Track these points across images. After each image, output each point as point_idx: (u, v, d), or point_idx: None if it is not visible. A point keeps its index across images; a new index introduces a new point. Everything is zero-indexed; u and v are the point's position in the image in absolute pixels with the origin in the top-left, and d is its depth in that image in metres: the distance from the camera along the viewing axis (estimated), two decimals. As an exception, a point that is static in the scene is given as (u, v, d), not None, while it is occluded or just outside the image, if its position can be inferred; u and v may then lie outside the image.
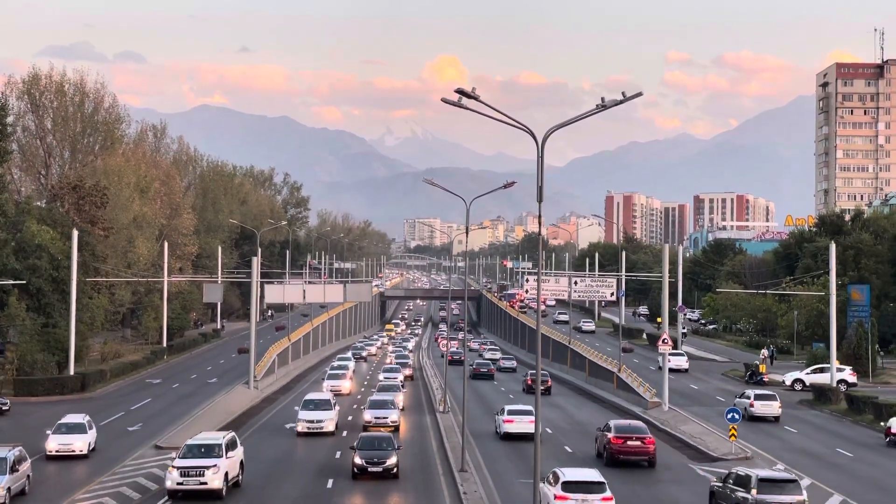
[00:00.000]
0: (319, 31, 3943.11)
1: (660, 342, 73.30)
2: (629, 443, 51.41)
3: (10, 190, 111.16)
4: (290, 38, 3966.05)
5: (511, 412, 60.71)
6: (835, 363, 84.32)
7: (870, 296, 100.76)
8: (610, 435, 51.80)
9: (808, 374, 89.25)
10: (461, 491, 43.86)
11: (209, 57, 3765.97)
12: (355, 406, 75.40)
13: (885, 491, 47.34)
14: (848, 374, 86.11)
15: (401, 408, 68.81)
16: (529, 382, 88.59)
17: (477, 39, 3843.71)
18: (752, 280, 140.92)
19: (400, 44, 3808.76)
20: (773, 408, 69.90)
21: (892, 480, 49.87)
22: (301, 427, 60.71)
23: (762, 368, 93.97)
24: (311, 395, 65.62)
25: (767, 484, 38.30)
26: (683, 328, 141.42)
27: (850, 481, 48.89)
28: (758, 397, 70.93)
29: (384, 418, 62.22)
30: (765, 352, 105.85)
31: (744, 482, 38.82)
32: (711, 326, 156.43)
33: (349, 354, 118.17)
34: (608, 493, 37.70)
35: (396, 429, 61.70)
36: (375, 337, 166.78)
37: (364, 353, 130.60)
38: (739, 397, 73.38)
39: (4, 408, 69.16)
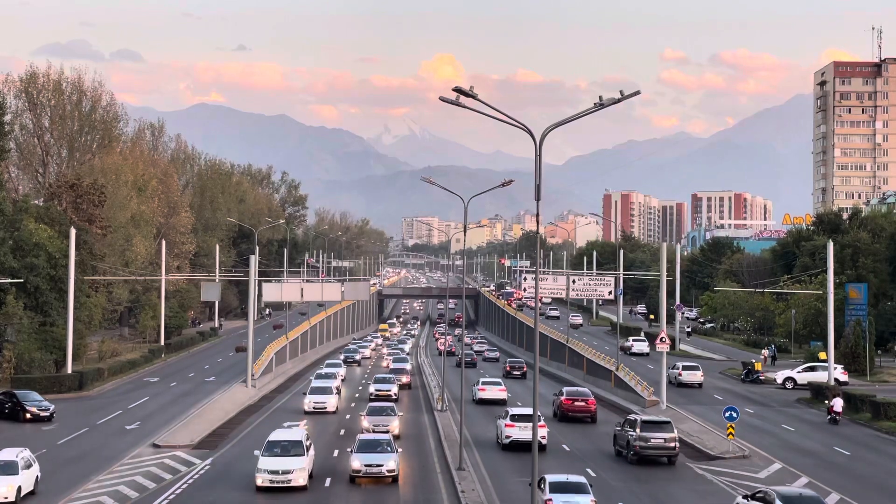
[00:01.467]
0: (315, 29, 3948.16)
1: (657, 341, 73.33)
2: (576, 403, 68.12)
3: (8, 188, 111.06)
4: (287, 36, 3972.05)
5: (484, 382, 79.51)
6: (832, 362, 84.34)
7: (867, 294, 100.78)
8: (562, 398, 68.67)
9: (799, 372, 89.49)
10: (459, 490, 43.84)
11: (206, 55, 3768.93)
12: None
13: (884, 490, 47.36)
14: (839, 373, 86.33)
15: (397, 433, 57.53)
16: (508, 368, 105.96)
17: (473, 37, 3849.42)
18: (749, 279, 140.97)
19: (396, 41, 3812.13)
20: (696, 376, 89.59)
21: (890, 479, 49.89)
22: (261, 480, 43.57)
23: (758, 366, 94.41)
24: (276, 435, 47.27)
25: (648, 425, 52.71)
26: (687, 328, 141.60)
27: (847, 480, 48.90)
28: (685, 368, 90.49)
29: (377, 466, 45.44)
30: (766, 351, 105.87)
31: (632, 424, 53.23)
32: (709, 325, 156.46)
33: (340, 360, 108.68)
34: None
35: (395, 479, 45.81)
36: (369, 338, 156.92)
37: (358, 357, 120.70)
38: (671, 368, 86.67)
39: (44, 414, 66.25)
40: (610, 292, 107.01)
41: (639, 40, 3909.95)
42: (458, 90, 31.69)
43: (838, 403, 68.15)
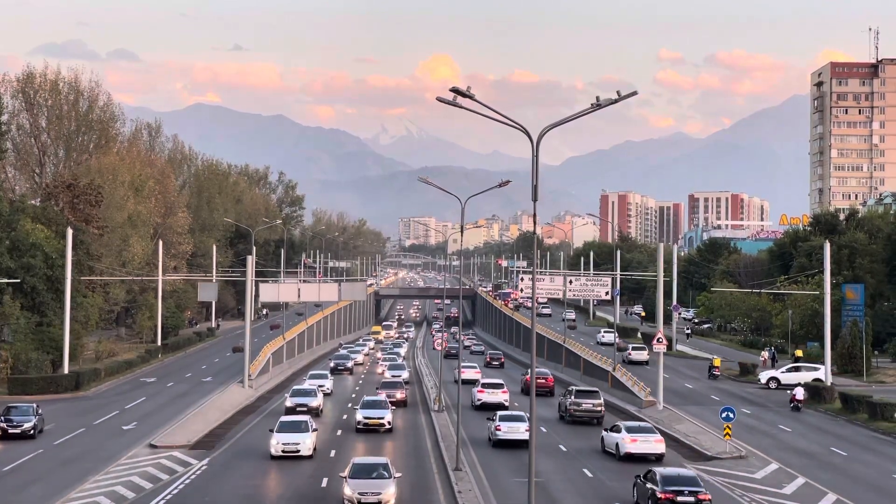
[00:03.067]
0: (311, 29, 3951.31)
1: (654, 341, 73.39)
2: (537, 380, 74.91)
3: (5, 188, 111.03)
4: (283, 36, 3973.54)
5: (464, 366, 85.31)
6: (829, 363, 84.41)
7: (864, 295, 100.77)
8: (525, 376, 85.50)
9: (783, 372, 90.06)
10: (456, 490, 43.82)
11: (202, 55, 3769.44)
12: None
13: (880, 490, 47.38)
14: (822, 373, 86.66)
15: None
16: (488, 359, 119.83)
17: (470, 38, 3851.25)
18: (746, 279, 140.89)
19: (392, 42, 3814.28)
20: (643, 355, 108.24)
21: (886, 480, 49.92)
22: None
23: (717, 362, 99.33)
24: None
25: (581, 393, 67.77)
26: (687, 329, 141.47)
27: (844, 480, 48.92)
28: (634, 348, 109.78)
29: None
30: (765, 353, 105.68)
31: (570, 392, 68.01)
32: (706, 325, 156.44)
33: (327, 370, 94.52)
34: None
35: None
36: (362, 341, 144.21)
37: (349, 364, 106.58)
38: (620, 350, 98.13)
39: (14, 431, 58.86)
40: (607, 293, 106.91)
41: (634, 41, 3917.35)
42: (456, 90, 31.68)
43: (800, 392, 75.70)
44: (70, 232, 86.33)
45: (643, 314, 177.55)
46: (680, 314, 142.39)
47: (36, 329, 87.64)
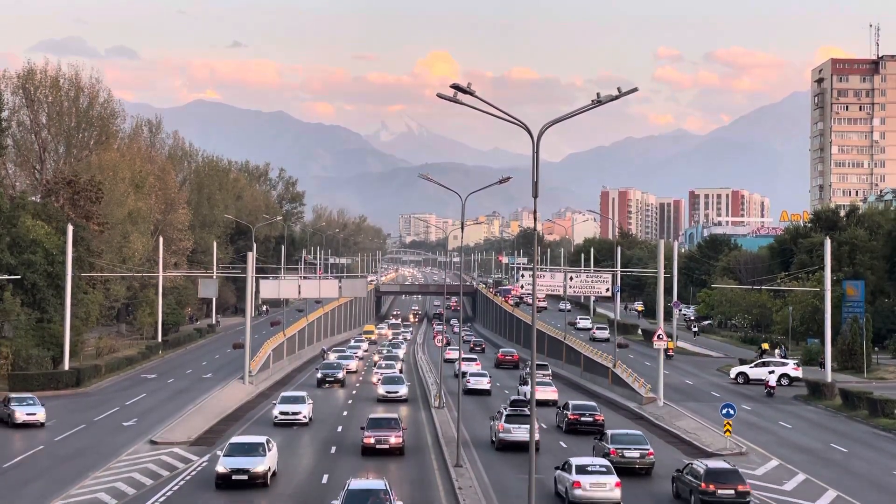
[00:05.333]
0: (310, 26, 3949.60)
1: (655, 337, 73.41)
2: (506, 357, 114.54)
3: (5, 185, 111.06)
4: (281, 33, 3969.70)
5: (449, 349, 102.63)
6: (829, 360, 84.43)
7: (864, 291, 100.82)
8: (497, 354, 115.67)
9: (751, 367, 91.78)
10: (456, 487, 43.85)
11: (201, 52, 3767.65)
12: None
13: (880, 487, 47.41)
14: (791, 369, 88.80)
15: None
16: (472, 346, 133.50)
17: (468, 35, 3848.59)
18: (747, 276, 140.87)
19: (391, 39, 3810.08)
20: (605, 333, 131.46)
21: (886, 476, 49.96)
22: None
23: (670, 345, 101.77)
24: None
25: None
26: (694, 328, 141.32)
27: (844, 477, 48.95)
28: (598, 328, 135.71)
29: None
30: (776, 351, 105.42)
31: (524, 379, 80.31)
32: (706, 322, 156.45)
33: (303, 392, 70.16)
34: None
35: None
36: (355, 342, 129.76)
37: (340, 374, 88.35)
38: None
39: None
40: (607, 289, 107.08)
41: (633, 38, 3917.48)
42: (457, 87, 31.67)
43: (773, 379, 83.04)
44: (70, 228, 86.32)
45: (639, 308, 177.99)
46: (680, 311, 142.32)
47: (36, 325, 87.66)
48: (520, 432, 53.13)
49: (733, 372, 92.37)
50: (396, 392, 75.44)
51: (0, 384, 78.37)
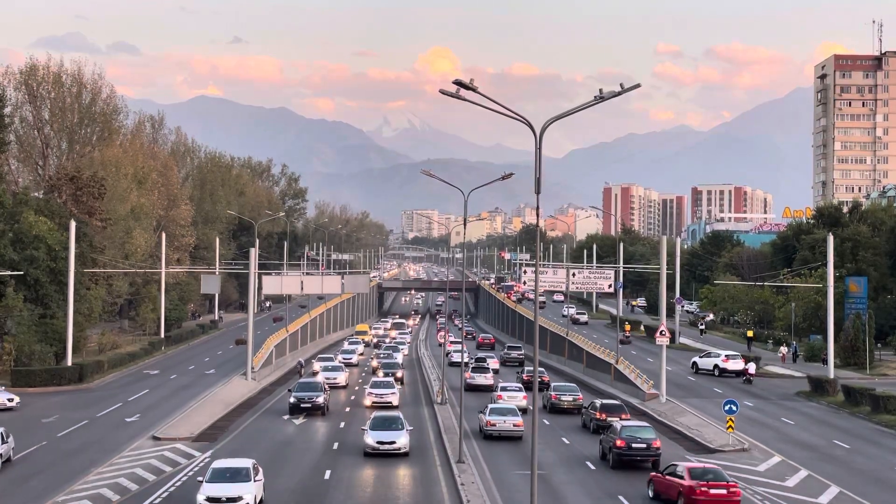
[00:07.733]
0: (310, 22, 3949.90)
1: (657, 334, 73.39)
2: (485, 340, 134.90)
3: (8, 181, 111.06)
4: (282, 29, 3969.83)
5: (451, 342, 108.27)
6: (832, 357, 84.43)
7: (867, 288, 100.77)
8: (478, 338, 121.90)
9: (700, 357, 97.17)
10: (459, 483, 43.89)
11: (202, 48, 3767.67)
12: None
13: (882, 483, 47.41)
14: (721, 360, 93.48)
15: None
16: (481, 341, 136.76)
17: (469, 31, 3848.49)
18: (749, 272, 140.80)
19: (391, 35, 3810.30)
20: (584, 317, 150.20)
21: (889, 472, 49.95)
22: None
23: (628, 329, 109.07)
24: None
25: (478, 360, 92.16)
26: (701, 325, 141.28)
27: (846, 473, 48.96)
28: (577, 311, 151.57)
29: None
30: (784, 349, 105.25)
31: (473, 367, 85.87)
32: (708, 318, 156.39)
33: (245, 463, 40.99)
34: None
35: None
36: (348, 345, 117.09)
37: (319, 399, 66.10)
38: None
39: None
40: (610, 285, 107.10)
41: (632, 34, 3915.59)
42: (459, 83, 31.65)
43: (752, 367, 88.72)
44: (73, 224, 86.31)
45: (635, 303, 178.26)
46: (683, 307, 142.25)
47: (39, 321, 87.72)
48: (480, 379, 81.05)
49: (690, 362, 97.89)
50: (393, 443, 50.97)
51: (2, 380, 78.44)
